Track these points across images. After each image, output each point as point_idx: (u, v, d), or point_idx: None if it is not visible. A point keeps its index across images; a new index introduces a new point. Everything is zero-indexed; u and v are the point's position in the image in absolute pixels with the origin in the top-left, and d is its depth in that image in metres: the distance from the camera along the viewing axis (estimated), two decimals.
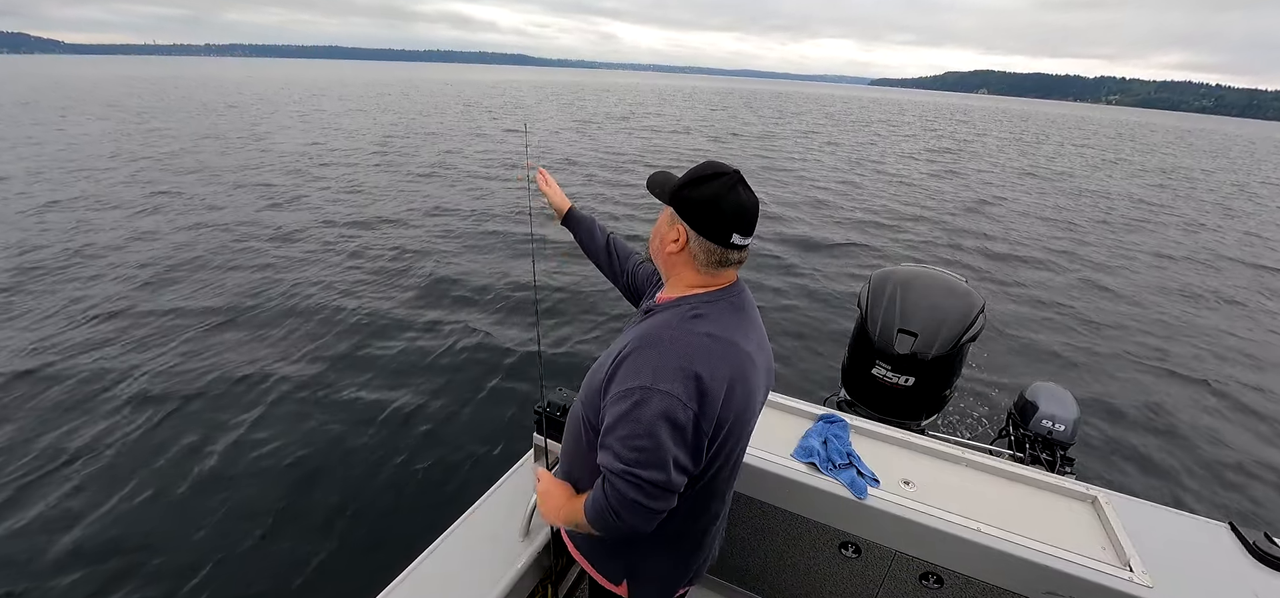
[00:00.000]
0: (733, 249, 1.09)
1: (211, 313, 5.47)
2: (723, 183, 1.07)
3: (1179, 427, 4.65)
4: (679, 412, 1.00)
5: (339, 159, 14.06)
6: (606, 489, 1.03)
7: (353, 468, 3.55)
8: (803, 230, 9.66)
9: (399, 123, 22.89)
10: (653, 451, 0.99)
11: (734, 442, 1.14)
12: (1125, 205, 14.42)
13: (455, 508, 1.63)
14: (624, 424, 1.01)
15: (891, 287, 2.53)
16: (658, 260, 1.20)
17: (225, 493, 3.30)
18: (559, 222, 1.66)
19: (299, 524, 3.13)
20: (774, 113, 41.34)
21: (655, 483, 1.00)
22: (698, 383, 1.01)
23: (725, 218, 1.06)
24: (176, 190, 10.18)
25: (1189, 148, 37.38)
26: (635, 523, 1.03)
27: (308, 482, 3.42)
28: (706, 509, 1.22)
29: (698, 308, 1.09)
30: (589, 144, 18.80)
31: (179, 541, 2.99)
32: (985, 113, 74.48)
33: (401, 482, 3.48)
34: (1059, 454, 2.36)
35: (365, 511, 3.25)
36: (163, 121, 20.39)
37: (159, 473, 3.43)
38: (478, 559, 1.50)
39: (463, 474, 3.57)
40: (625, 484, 1.00)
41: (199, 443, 3.70)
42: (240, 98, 33.18)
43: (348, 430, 3.88)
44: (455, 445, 3.81)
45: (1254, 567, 1.54)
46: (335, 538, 3.06)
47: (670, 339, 1.04)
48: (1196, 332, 6.60)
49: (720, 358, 1.04)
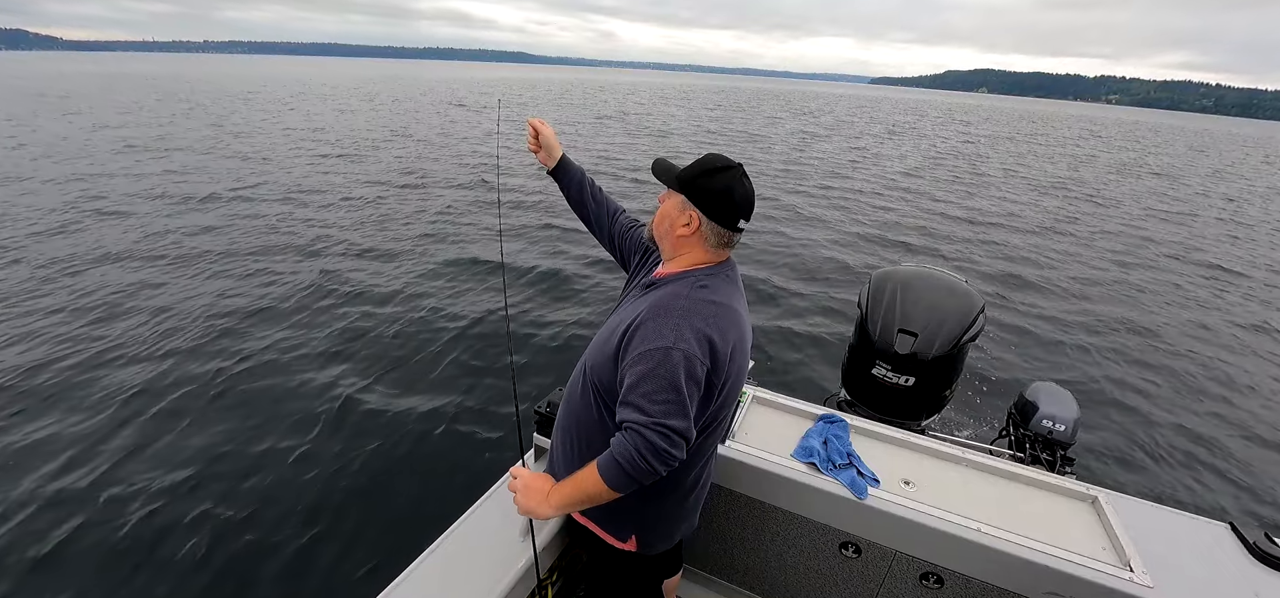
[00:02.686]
0: (738, 232, 1.26)
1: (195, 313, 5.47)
2: (733, 175, 1.23)
3: (1179, 427, 4.64)
4: (697, 368, 1.13)
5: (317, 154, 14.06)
6: (632, 440, 1.11)
7: (350, 469, 3.55)
8: (803, 230, 9.67)
9: (378, 120, 22.86)
10: (677, 403, 1.11)
11: (731, 397, 1.28)
12: (1127, 206, 14.42)
13: (455, 508, 1.63)
14: (648, 381, 1.12)
15: (892, 287, 2.53)
16: (665, 241, 1.31)
17: (225, 492, 3.30)
18: (548, 171, 1.65)
19: (297, 526, 3.13)
20: (789, 113, 41.29)
21: (678, 431, 1.11)
22: (711, 344, 1.16)
23: (736, 206, 1.23)
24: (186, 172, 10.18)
25: (1196, 151, 37.32)
26: (655, 468, 1.12)
27: (305, 483, 3.41)
28: (703, 460, 1.36)
29: (702, 280, 1.24)
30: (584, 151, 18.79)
31: (178, 542, 2.99)
32: (1008, 115, 74.38)
33: (400, 483, 3.48)
34: (1059, 454, 2.36)
35: (364, 511, 3.25)
36: (152, 117, 20.37)
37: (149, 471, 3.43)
38: (477, 560, 1.49)
39: (462, 475, 3.57)
40: (653, 434, 1.10)
41: (191, 444, 3.70)
42: (252, 91, 33.21)
43: (345, 431, 3.87)
44: (454, 446, 3.81)
45: (1254, 567, 1.54)
46: (334, 540, 3.06)
47: (684, 307, 1.17)
48: (1197, 332, 6.60)
49: (728, 323, 1.20)
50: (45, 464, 3.45)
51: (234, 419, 3.95)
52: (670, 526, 1.39)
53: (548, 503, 1.25)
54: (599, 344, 1.30)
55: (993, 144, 28.84)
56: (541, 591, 1.63)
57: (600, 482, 1.16)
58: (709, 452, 1.38)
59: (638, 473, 1.12)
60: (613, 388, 1.22)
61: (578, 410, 1.34)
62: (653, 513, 1.35)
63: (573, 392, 1.38)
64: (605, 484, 1.16)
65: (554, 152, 1.61)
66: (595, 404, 1.29)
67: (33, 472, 3.37)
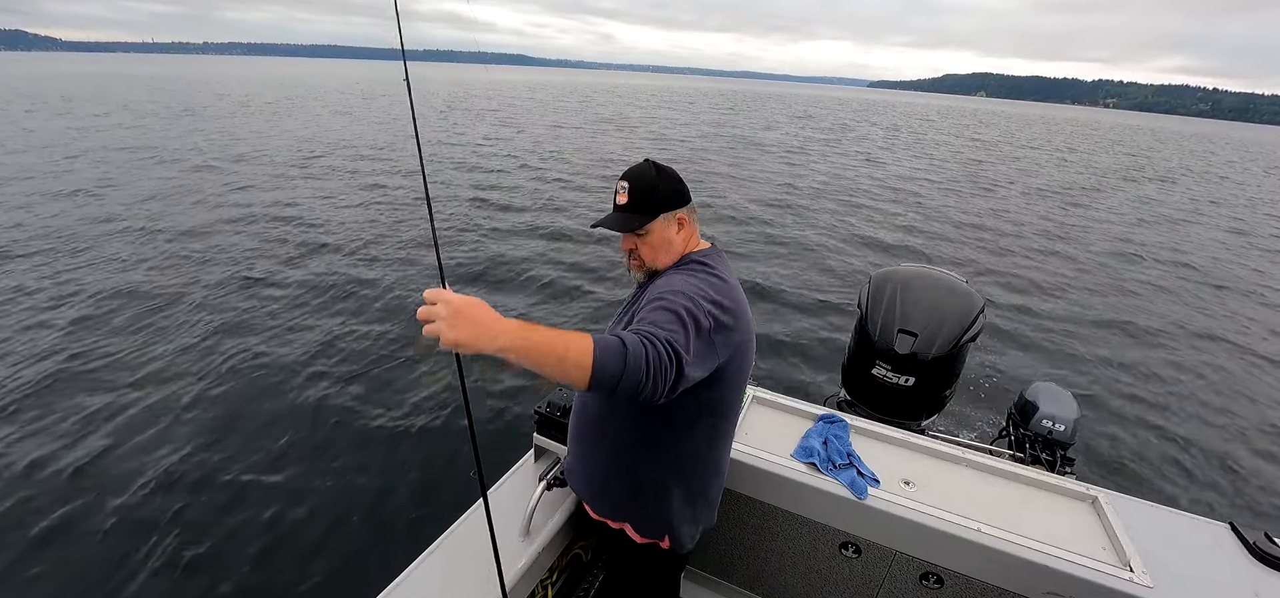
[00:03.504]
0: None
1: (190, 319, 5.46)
2: (658, 166, 1.29)
3: (1179, 427, 4.65)
4: (706, 305, 1.13)
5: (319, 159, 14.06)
6: (638, 336, 0.99)
7: (351, 470, 3.54)
8: (803, 231, 9.67)
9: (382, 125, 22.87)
10: (682, 329, 1.05)
11: (744, 367, 1.27)
12: (1127, 206, 14.44)
13: (454, 509, 1.62)
14: (657, 311, 1.09)
15: (891, 287, 2.53)
16: (666, 262, 1.30)
17: (223, 493, 3.29)
18: None
19: (296, 528, 3.11)
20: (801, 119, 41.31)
21: (680, 347, 1.01)
22: (723, 291, 1.20)
23: (683, 183, 1.30)
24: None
25: (1200, 154, 37.38)
26: (645, 371, 0.95)
27: (305, 486, 3.40)
28: (721, 450, 1.37)
29: (701, 259, 1.28)
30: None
31: (170, 547, 2.98)
32: (1007, 118, 74.53)
33: (400, 483, 3.47)
34: (1059, 454, 2.36)
35: (364, 512, 3.24)
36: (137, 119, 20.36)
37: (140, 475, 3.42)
38: (477, 560, 1.49)
39: (462, 475, 3.56)
40: (658, 344, 0.98)
41: (189, 449, 3.69)
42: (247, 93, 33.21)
43: (344, 432, 3.86)
44: (454, 446, 3.81)
45: (1254, 567, 1.53)
46: (333, 541, 3.05)
47: (688, 277, 1.20)
48: (1197, 332, 6.61)
49: (736, 290, 1.25)
50: (33, 467, 3.44)
51: (232, 422, 3.93)
52: (703, 516, 1.41)
53: (493, 337, 0.90)
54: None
55: (993, 147, 28.88)
56: (542, 590, 1.63)
57: (586, 351, 0.93)
58: (726, 442, 1.40)
59: (630, 365, 0.94)
60: None
61: (594, 408, 1.35)
62: (683, 517, 1.36)
63: (585, 396, 1.38)
64: (588, 357, 0.92)
65: None
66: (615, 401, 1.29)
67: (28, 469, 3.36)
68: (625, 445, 1.32)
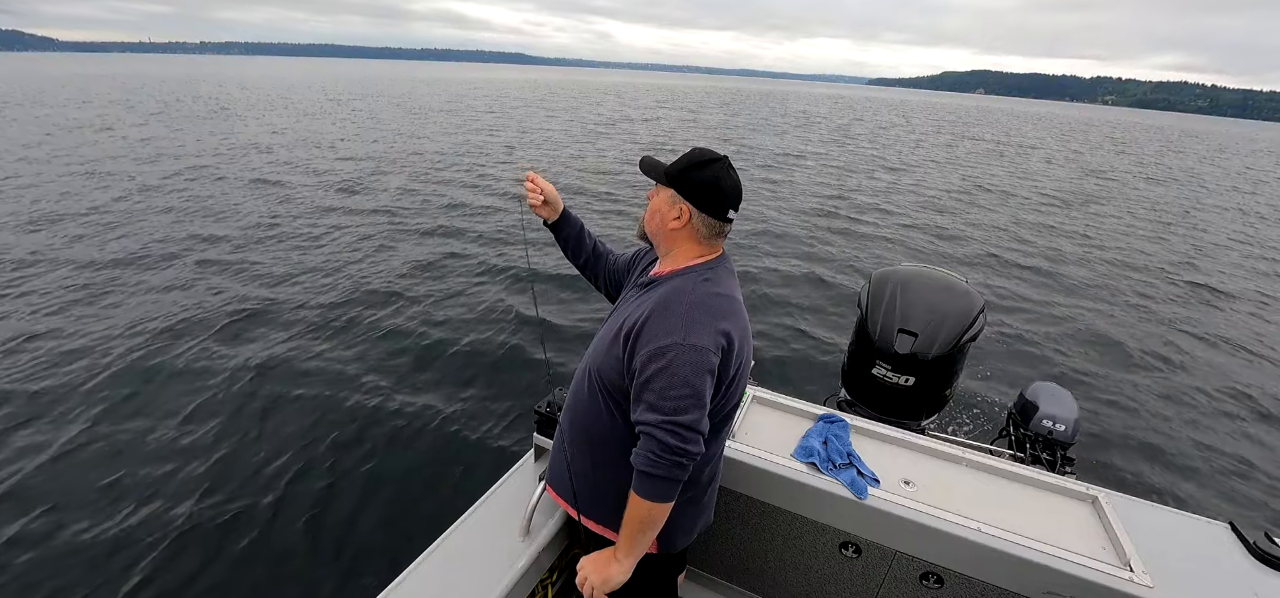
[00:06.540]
0: (728, 223, 1.26)
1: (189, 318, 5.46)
2: (720, 166, 1.23)
3: (1179, 427, 4.65)
4: (709, 359, 1.14)
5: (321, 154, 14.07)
6: (649, 445, 1.13)
7: (351, 470, 3.54)
8: (804, 231, 9.67)
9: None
10: (690, 397, 1.12)
11: (739, 387, 1.27)
12: (1128, 207, 14.44)
13: (454, 509, 1.62)
14: (661, 378, 1.12)
15: (892, 286, 2.53)
16: (657, 237, 1.32)
17: (221, 495, 3.30)
18: (549, 223, 1.60)
19: (296, 527, 3.12)
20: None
21: (692, 426, 1.12)
22: (724, 337, 1.16)
23: (724, 196, 1.23)
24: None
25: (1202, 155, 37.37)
26: (679, 464, 1.12)
27: (304, 485, 3.41)
28: (717, 453, 1.38)
29: (705, 274, 1.24)
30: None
31: (171, 543, 2.98)
32: (1005, 116, 74.48)
33: (400, 483, 3.47)
34: (1059, 454, 2.36)
35: (364, 511, 3.24)
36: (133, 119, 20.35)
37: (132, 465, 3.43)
38: (477, 560, 1.49)
39: (462, 475, 3.56)
40: (667, 432, 1.11)
41: (184, 443, 3.69)
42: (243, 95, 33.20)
43: (344, 432, 3.86)
44: (454, 446, 3.80)
45: (1254, 567, 1.54)
46: (333, 540, 3.06)
47: (691, 301, 1.17)
48: (1197, 331, 6.61)
49: (735, 315, 1.21)
50: (31, 459, 3.45)
51: (230, 421, 3.93)
52: (692, 520, 1.40)
53: (619, 563, 1.25)
54: (602, 346, 1.30)
55: (991, 146, 28.87)
56: (542, 590, 1.63)
57: (644, 503, 1.16)
58: (720, 445, 1.39)
59: (667, 475, 1.13)
60: (621, 386, 1.23)
61: (586, 415, 1.33)
62: (675, 511, 1.32)
63: (578, 397, 1.36)
64: (650, 502, 1.16)
65: (556, 205, 1.57)
66: (606, 408, 1.28)
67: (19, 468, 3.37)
68: (601, 443, 1.32)
